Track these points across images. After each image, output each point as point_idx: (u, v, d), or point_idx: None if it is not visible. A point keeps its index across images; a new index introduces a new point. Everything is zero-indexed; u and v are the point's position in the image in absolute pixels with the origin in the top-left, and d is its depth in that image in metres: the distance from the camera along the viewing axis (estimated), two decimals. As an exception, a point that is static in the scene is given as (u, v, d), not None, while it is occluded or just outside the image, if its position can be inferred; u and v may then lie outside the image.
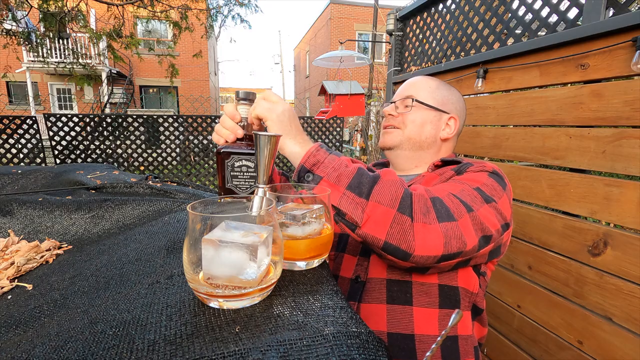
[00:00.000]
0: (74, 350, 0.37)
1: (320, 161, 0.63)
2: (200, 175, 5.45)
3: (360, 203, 0.59)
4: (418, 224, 0.57)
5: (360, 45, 13.93)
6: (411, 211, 0.58)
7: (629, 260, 0.99)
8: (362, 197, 0.59)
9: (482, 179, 0.72)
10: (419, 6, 2.03)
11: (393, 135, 0.92)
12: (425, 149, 0.91)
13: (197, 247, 0.43)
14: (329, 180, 0.61)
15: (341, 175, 0.61)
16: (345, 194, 0.60)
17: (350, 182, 0.60)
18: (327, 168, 0.62)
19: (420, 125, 0.90)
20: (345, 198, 0.60)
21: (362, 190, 0.60)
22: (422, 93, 0.91)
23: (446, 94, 0.92)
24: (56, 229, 0.87)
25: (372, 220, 0.59)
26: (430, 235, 0.57)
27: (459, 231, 0.60)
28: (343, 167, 0.62)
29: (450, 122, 0.93)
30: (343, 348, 0.37)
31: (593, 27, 1.07)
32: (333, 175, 0.61)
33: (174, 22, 5.74)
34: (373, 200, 0.59)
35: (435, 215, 0.59)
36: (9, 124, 4.47)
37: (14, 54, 6.15)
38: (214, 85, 15.99)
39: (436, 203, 0.60)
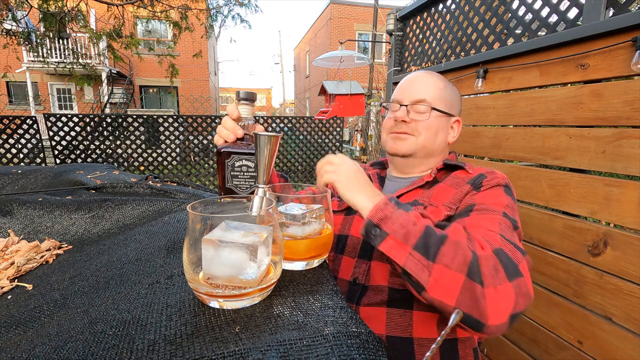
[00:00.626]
0: (74, 350, 0.37)
1: (388, 216, 0.60)
2: (200, 175, 5.45)
3: (426, 265, 0.56)
4: (489, 289, 0.53)
5: (360, 45, 13.93)
6: (481, 276, 0.53)
7: (629, 260, 0.99)
8: (428, 260, 0.56)
9: (502, 198, 0.71)
10: (419, 6, 2.03)
11: (407, 143, 0.88)
12: (436, 155, 0.90)
13: (197, 247, 0.43)
14: (396, 237, 0.58)
15: (409, 233, 0.58)
16: (412, 254, 0.57)
17: (417, 242, 0.57)
18: (395, 224, 0.59)
19: (435, 133, 0.87)
20: (412, 259, 0.57)
21: (428, 251, 0.56)
22: (434, 95, 0.87)
23: (451, 94, 0.90)
24: (56, 229, 0.87)
25: (439, 285, 0.55)
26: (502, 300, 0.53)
27: (526, 287, 0.56)
28: (411, 225, 0.59)
29: (454, 125, 0.91)
30: (343, 348, 0.37)
31: (593, 27, 1.07)
32: (400, 232, 0.58)
33: (174, 22, 5.74)
34: (440, 263, 0.55)
35: (504, 273, 0.55)
36: (9, 124, 4.47)
37: (14, 54, 6.15)
38: (214, 85, 15.99)
39: (501, 256, 0.56)
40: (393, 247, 0.58)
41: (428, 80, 0.89)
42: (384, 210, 0.61)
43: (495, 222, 0.65)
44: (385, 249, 0.59)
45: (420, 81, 0.89)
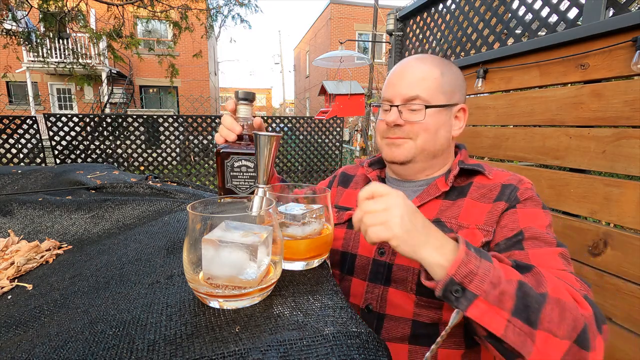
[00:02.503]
0: (74, 350, 0.37)
1: (473, 272, 0.48)
2: (200, 175, 5.45)
3: (529, 334, 0.46)
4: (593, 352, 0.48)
5: (360, 45, 13.93)
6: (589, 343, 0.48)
7: (629, 260, 0.99)
8: (531, 327, 0.46)
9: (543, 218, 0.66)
10: (419, 6, 2.03)
11: (404, 148, 0.75)
12: (439, 155, 0.77)
13: (197, 247, 0.43)
14: (488, 300, 0.47)
15: (503, 294, 0.47)
16: (511, 321, 0.47)
17: (515, 305, 0.47)
18: (484, 283, 0.47)
19: (434, 133, 0.74)
20: (512, 327, 0.46)
21: (529, 317, 0.47)
22: (428, 89, 0.73)
23: (453, 79, 0.75)
24: (56, 229, 0.87)
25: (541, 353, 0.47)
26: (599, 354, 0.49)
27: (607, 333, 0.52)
28: (504, 282, 0.48)
29: (459, 114, 0.77)
30: (343, 348, 0.37)
31: (593, 27, 1.07)
32: (493, 293, 0.47)
33: (174, 22, 5.74)
34: (543, 330, 0.47)
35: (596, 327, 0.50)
36: (9, 124, 4.47)
37: (14, 54, 6.15)
38: (214, 85, 16.00)
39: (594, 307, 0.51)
40: (486, 312, 0.47)
41: (420, 71, 0.74)
42: (468, 265, 0.48)
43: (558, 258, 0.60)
44: (474, 314, 0.47)
45: (411, 73, 0.75)
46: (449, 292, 0.48)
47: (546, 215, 0.67)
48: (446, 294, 0.49)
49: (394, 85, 0.76)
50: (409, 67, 0.76)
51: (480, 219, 0.68)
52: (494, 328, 0.47)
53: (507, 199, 0.68)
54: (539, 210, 0.67)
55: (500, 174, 0.74)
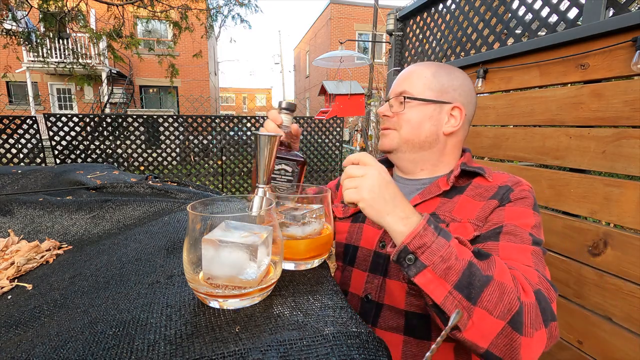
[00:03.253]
0: (74, 350, 0.37)
1: (427, 245, 0.53)
2: (200, 175, 5.45)
3: (467, 308, 0.51)
4: (526, 338, 0.51)
5: (360, 45, 13.92)
6: (522, 326, 0.51)
7: (629, 260, 0.99)
8: (470, 302, 0.51)
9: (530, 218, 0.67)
10: (419, 6, 2.03)
11: (390, 138, 0.83)
12: (427, 149, 0.81)
13: (197, 247, 0.43)
14: (435, 271, 0.52)
15: (450, 268, 0.52)
16: (452, 293, 0.52)
17: (459, 280, 0.52)
18: (435, 256, 0.52)
19: (417, 125, 0.79)
20: (451, 299, 0.52)
21: (470, 293, 0.51)
22: (417, 85, 0.80)
23: (445, 80, 0.80)
24: (56, 229, 0.87)
25: (476, 328, 0.52)
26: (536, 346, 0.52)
27: (557, 329, 0.55)
28: (453, 259, 0.53)
29: (454, 113, 0.80)
30: (343, 348, 0.37)
31: (593, 27, 1.07)
32: (440, 266, 0.52)
33: (174, 22, 5.74)
34: (481, 307, 0.51)
35: (541, 319, 0.52)
36: (9, 124, 4.47)
37: (14, 54, 6.15)
38: (214, 85, 16.00)
39: (541, 301, 0.54)
40: (430, 282, 0.53)
41: (414, 71, 0.82)
42: (423, 237, 0.53)
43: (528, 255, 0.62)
44: (421, 282, 0.53)
45: (406, 75, 0.83)
46: (403, 258, 0.55)
47: (535, 216, 0.68)
48: (400, 260, 0.55)
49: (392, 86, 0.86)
50: (406, 69, 0.85)
51: (472, 215, 0.71)
52: (435, 296, 0.53)
53: (500, 198, 0.72)
54: (527, 210, 0.69)
55: (500, 176, 0.77)
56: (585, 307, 1.11)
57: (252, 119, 5.54)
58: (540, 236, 0.66)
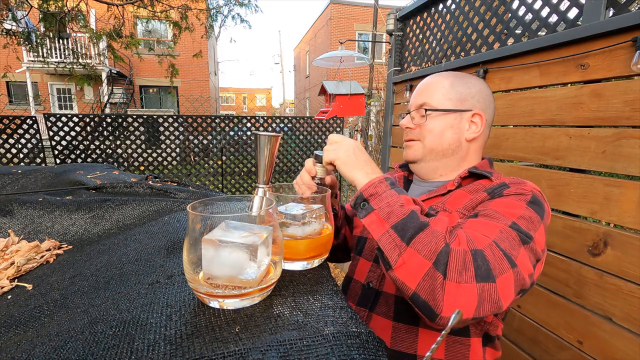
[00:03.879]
0: (74, 350, 0.37)
1: (378, 193, 0.62)
2: (200, 175, 5.45)
3: (399, 245, 0.57)
4: (451, 283, 0.53)
5: (360, 45, 13.92)
6: (445, 268, 0.54)
7: (629, 260, 0.99)
8: (402, 241, 0.57)
9: (519, 209, 0.66)
10: (419, 6, 2.03)
11: (414, 149, 0.87)
12: (450, 155, 0.85)
13: (197, 247, 0.43)
14: (379, 214, 0.60)
15: (392, 213, 0.59)
16: (389, 232, 0.58)
17: (397, 222, 0.58)
18: (382, 202, 0.61)
19: (440, 134, 0.84)
20: (387, 236, 0.58)
21: (405, 234, 0.57)
22: (436, 97, 0.84)
23: (463, 89, 0.84)
24: (56, 229, 0.87)
25: (405, 267, 0.56)
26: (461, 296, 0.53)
27: (496, 294, 0.54)
28: (397, 206, 0.60)
29: (475, 119, 0.84)
30: (343, 348, 0.37)
31: (593, 27, 1.07)
32: (385, 210, 0.60)
33: (174, 22, 5.74)
34: (412, 247, 0.56)
35: (473, 274, 0.54)
36: (9, 124, 4.46)
37: (14, 54, 6.15)
38: (214, 85, 15.99)
39: (477, 258, 0.55)
40: (374, 222, 0.60)
41: (432, 83, 0.87)
42: (377, 187, 0.62)
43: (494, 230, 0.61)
44: (367, 222, 0.61)
45: (424, 87, 0.88)
46: (359, 204, 0.63)
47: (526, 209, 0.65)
48: (356, 205, 0.63)
49: (413, 96, 0.91)
50: (425, 81, 0.90)
51: (461, 205, 0.76)
52: (375, 233, 0.60)
53: (491, 192, 0.74)
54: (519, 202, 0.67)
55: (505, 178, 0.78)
56: (585, 307, 1.11)
57: (252, 118, 5.54)
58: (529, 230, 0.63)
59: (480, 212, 0.67)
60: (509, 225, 0.62)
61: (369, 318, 0.78)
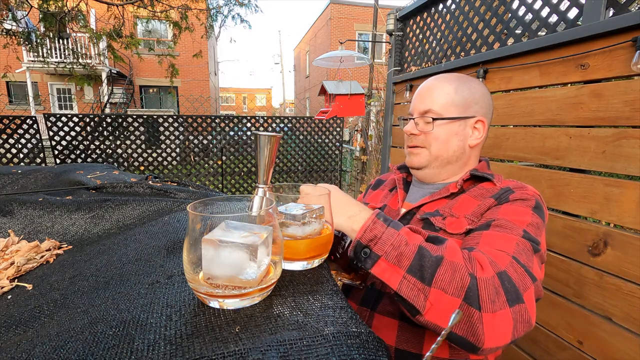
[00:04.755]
0: (74, 350, 0.37)
1: (378, 236, 0.57)
2: (200, 175, 5.45)
3: (422, 290, 0.53)
4: (487, 314, 0.51)
5: (360, 45, 13.92)
6: (479, 302, 0.52)
7: (629, 260, 0.99)
8: (424, 283, 0.53)
9: (527, 216, 0.67)
10: (419, 6, 2.03)
11: (420, 156, 0.87)
12: (454, 162, 0.86)
13: (197, 247, 0.43)
14: (388, 260, 0.56)
15: (401, 255, 0.55)
16: (406, 277, 0.54)
17: (411, 264, 0.55)
18: (386, 245, 0.56)
19: (446, 142, 0.83)
20: (406, 283, 0.54)
21: (424, 274, 0.54)
22: (441, 103, 0.83)
23: (467, 94, 0.83)
24: (56, 229, 0.87)
25: (435, 309, 0.53)
26: (499, 325, 0.51)
27: (527, 314, 0.54)
28: (403, 245, 0.56)
29: (477, 125, 0.84)
30: (343, 348, 0.37)
31: (593, 27, 1.07)
32: (392, 254, 0.56)
33: (174, 22, 5.74)
34: (436, 287, 0.53)
35: (505, 298, 0.53)
36: (9, 124, 4.46)
37: (14, 54, 6.15)
38: (214, 85, 16.00)
39: (504, 281, 0.54)
40: (386, 270, 0.56)
41: (436, 88, 0.85)
42: (373, 230, 0.58)
43: (511, 243, 0.61)
44: (377, 272, 0.57)
45: (428, 91, 0.86)
46: (359, 253, 0.58)
47: (533, 216, 0.68)
48: (357, 254, 0.59)
49: (414, 101, 0.89)
50: (428, 85, 0.87)
51: (469, 211, 0.75)
52: (391, 283, 0.55)
53: (497, 197, 0.74)
54: (526, 209, 0.69)
55: (507, 182, 0.79)
56: (585, 307, 1.11)
57: (252, 118, 5.54)
58: (537, 236, 0.65)
59: (492, 222, 0.67)
60: (521, 235, 0.63)
61: (371, 317, 0.78)
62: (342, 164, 5.94)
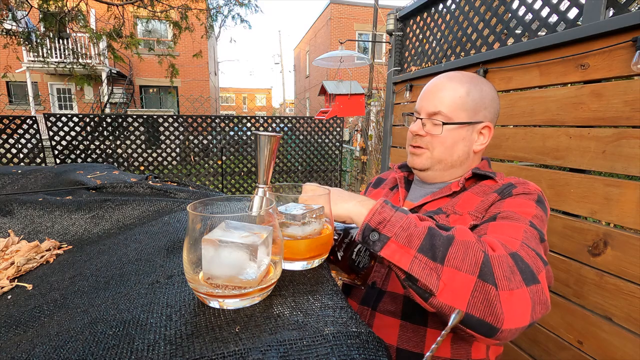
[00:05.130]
0: (74, 350, 0.37)
1: (387, 219, 0.56)
2: (200, 175, 5.45)
3: (434, 268, 0.51)
4: (504, 292, 0.49)
5: (360, 45, 13.92)
6: (494, 278, 0.50)
7: (629, 260, 0.99)
8: (436, 262, 0.52)
9: (532, 209, 0.67)
10: (419, 6, 2.03)
11: (423, 158, 0.85)
12: (458, 166, 0.85)
13: (197, 247, 0.43)
14: (398, 241, 0.54)
15: (411, 235, 0.54)
16: (417, 257, 0.52)
17: (422, 244, 0.53)
18: (395, 227, 0.55)
19: (452, 146, 0.82)
20: (417, 262, 0.52)
21: (435, 253, 0.52)
22: (451, 106, 0.80)
23: (478, 98, 0.81)
24: (56, 229, 0.87)
25: (449, 289, 0.51)
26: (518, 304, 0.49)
27: (543, 295, 0.52)
28: (412, 227, 0.55)
29: (484, 131, 0.83)
30: (343, 348, 0.37)
31: (593, 27, 1.07)
32: (402, 235, 0.54)
33: (174, 22, 5.74)
34: (449, 266, 0.51)
35: (521, 277, 0.51)
36: (9, 124, 4.47)
37: (14, 54, 6.15)
38: (214, 85, 16.00)
39: (518, 261, 0.53)
40: (396, 251, 0.54)
41: (446, 89, 0.82)
42: (382, 213, 0.56)
43: (519, 230, 0.61)
44: (387, 254, 0.54)
45: (438, 90, 0.83)
46: (367, 237, 0.56)
47: (536, 208, 0.68)
48: (365, 239, 0.57)
49: (422, 99, 0.86)
50: (439, 85, 0.84)
51: (472, 207, 0.75)
52: (402, 264, 0.53)
53: (500, 192, 0.74)
54: (529, 202, 0.69)
55: (509, 178, 0.79)
56: (585, 307, 1.11)
57: (252, 118, 5.54)
58: (542, 229, 0.65)
59: (498, 214, 0.67)
60: (528, 224, 0.63)
61: (372, 316, 0.78)
62: (342, 164, 5.94)
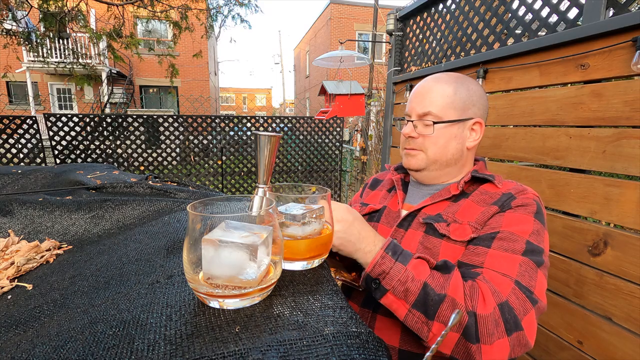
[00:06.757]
0: (74, 350, 0.37)
1: (386, 271, 0.63)
2: (200, 175, 5.45)
3: (425, 323, 0.60)
4: (485, 346, 0.57)
5: (360, 45, 13.92)
6: (477, 335, 0.57)
7: (629, 260, 0.99)
8: (427, 318, 0.60)
9: (529, 225, 0.70)
10: (419, 6, 2.03)
11: (417, 159, 0.86)
12: (453, 164, 0.86)
13: (197, 247, 0.43)
14: (395, 294, 0.62)
15: (408, 291, 0.61)
16: (411, 312, 0.61)
17: (416, 300, 0.61)
18: (393, 280, 0.62)
19: (445, 145, 0.83)
20: (411, 316, 0.61)
21: (428, 310, 0.60)
22: (440, 105, 0.82)
23: (465, 96, 0.83)
24: (56, 229, 0.87)
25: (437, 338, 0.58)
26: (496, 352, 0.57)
27: (524, 339, 0.59)
28: (409, 281, 0.62)
29: (475, 127, 0.85)
30: (343, 348, 0.37)
31: (593, 27, 1.07)
32: (399, 289, 0.62)
33: (174, 22, 5.74)
34: (438, 321, 0.59)
35: (503, 328, 0.58)
36: (9, 124, 4.46)
37: (14, 54, 6.16)
38: (214, 85, 16.00)
39: (505, 312, 0.59)
40: (393, 302, 0.63)
41: (434, 90, 0.84)
42: (382, 266, 0.63)
43: (514, 265, 0.64)
44: (385, 303, 0.64)
45: (426, 92, 0.85)
46: (370, 284, 0.65)
47: (535, 223, 0.70)
48: (368, 285, 0.66)
49: (411, 102, 0.88)
50: (425, 87, 0.86)
51: (472, 218, 0.76)
52: (398, 314, 0.63)
53: (500, 204, 0.75)
54: (528, 217, 0.71)
55: (508, 184, 0.80)
56: (585, 307, 1.11)
57: (252, 118, 5.54)
58: (540, 244, 0.68)
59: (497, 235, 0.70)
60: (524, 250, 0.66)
61: (373, 319, 0.78)
62: (342, 164, 5.94)
